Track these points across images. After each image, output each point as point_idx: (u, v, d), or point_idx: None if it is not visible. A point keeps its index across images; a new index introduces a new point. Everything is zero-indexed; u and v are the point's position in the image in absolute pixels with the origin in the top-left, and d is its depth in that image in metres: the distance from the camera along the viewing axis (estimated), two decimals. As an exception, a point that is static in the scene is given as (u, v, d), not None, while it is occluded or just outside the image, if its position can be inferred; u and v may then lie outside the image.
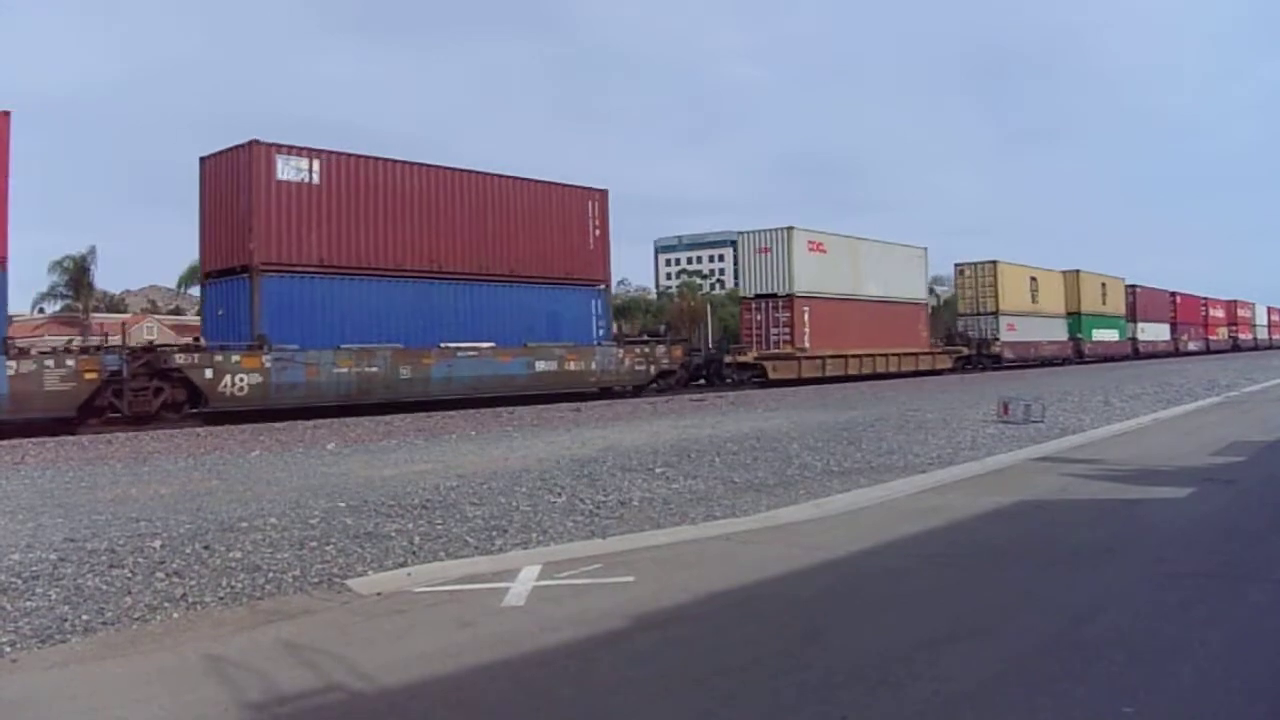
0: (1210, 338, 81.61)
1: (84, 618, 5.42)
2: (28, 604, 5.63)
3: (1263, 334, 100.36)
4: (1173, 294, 74.55)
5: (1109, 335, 61.36)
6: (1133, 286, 66.25)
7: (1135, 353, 64.19)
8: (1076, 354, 56.17)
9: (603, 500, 9.04)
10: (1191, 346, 76.31)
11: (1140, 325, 66.09)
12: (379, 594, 6.09)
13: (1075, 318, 57.18)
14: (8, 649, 4.96)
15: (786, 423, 17.16)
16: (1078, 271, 58.10)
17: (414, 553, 7.01)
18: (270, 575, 6.35)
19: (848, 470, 11.01)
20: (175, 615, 5.59)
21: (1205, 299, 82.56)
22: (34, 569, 6.31)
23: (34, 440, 16.16)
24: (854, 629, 5.34)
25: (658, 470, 10.87)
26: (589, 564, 6.79)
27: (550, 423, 19.14)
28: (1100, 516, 8.58)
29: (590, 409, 23.08)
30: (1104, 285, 61.57)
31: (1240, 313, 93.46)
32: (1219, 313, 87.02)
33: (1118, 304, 63.14)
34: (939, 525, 8.18)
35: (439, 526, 7.84)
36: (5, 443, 15.57)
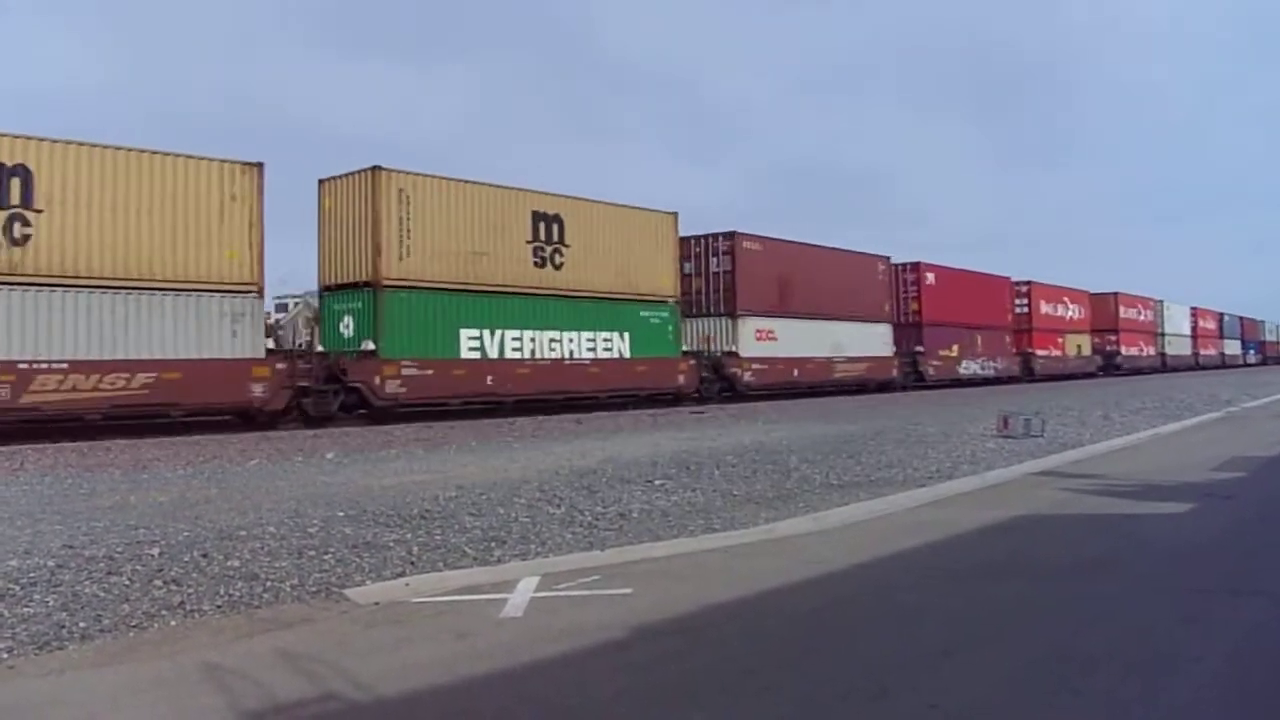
0: (1039, 352, 50.22)
1: (81, 625, 5.42)
2: (25, 610, 5.63)
3: (1179, 347, 70.32)
4: (909, 267, 40.34)
5: (590, 344, 25.90)
6: (727, 236, 30.76)
7: (729, 386, 29.91)
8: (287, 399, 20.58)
9: (601, 512, 9.04)
10: (971, 369, 43.30)
11: (761, 323, 31.19)
12: (377, 604, 6.09)
13: (360, 294, 22.39)
14: (5, 655, 4.96)
15: (788, 435, 17.16)
16: (379, 170, 21.84)
17: (412, 563, 7.01)
18: (268, 584, 6.35)
19: (847, 484, 11.01)
20: (173, 623, 5.59)
21: (1028, 284, 50.26)
22: (32, 575, 6.31)
23: (33, 446, 16.17)
24: (851, 643, 5.34)
25: (657, 482, 10.87)
26: (587, 576, 6.78)
27: (551, 433, 19.15)
28: (1099, 531, 8.58)
29: (592, 420, 23.08)
30: (554, 223, 25.05)
31: (1125, 313, 61.48)
32: (1069, 311, 55.28)
33: (654, 275, 27.61)
34: (938, 539, 8.18)
35: (437, 537, 7.84)
36: (4, 449, 15.57)
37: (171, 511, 9.06)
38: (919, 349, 40.39)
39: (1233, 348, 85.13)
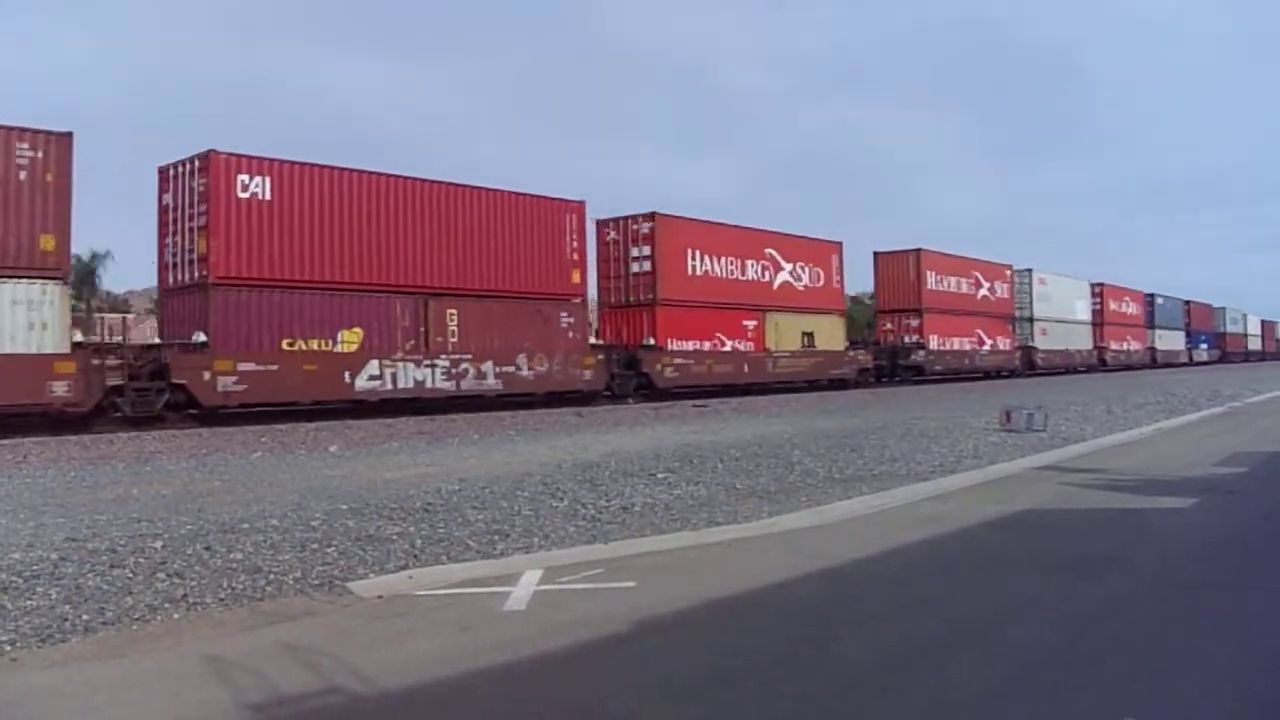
0: (677, 345, 29.53)
1: (84, 617, 5.42)
2: (28, 603, 5.63)
3: (1063, 339, 51.44)
4: (190, 166, 19.90)
5: None
6: None
7: None
8: None
9: (605, 505, 9.03)
10: (409, 378, 22.48)
11: None
12: (380, 597, 6.08)
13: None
14: (8, 647, 4.95)
15: (790, 429, 17.14)
16: None
17: (415, 556, 7.00)
18: (271, 577, 6.35)
19: (850, 478, 10.99)
20: (176, 616, 5.58)
21: (652, 219, 29.59)
22: (35, 568, 6.32)
23: (36, 439, 16.19)
24: (855, 636, 5.32)
25: (660, 475, 10.86)
26: (590, 569, 6.77)
27: (553, 427, 19.13)
28: (1103, 525, 8.56)
29: (593, 414, 23.08)
30: None
31: (937, 285, 39.93)
32: (783, 275, 32.44)
33: None
34: (941, 533, 8.16)
35: (440, 530, 7.83)
36: (6, 441, 15.59)
37: (174, 504, 9.06)
38: (199, 337, 19.87)
39: (1171, 341, 66.11)
